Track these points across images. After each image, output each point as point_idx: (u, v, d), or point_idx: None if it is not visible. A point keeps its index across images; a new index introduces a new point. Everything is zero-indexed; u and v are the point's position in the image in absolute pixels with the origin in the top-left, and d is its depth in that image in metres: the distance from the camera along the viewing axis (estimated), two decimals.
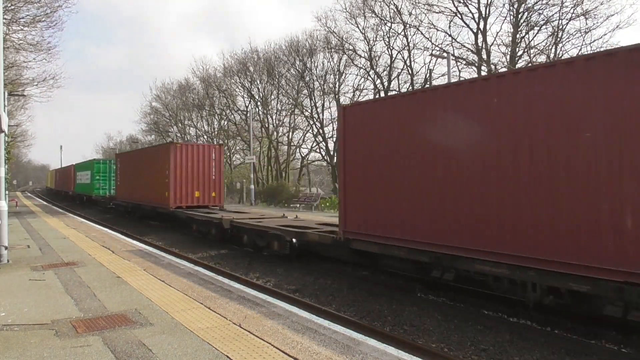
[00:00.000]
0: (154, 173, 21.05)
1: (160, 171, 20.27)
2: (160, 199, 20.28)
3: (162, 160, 20.15)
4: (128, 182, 25.75)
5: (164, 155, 20.10)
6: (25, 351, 4.79)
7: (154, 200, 21.22)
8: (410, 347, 6.10)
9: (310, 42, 39.98)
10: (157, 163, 20.86)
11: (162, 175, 19.99)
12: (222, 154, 21.04)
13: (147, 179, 22.02)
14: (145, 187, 22.27)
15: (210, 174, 20.13)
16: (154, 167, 21.10)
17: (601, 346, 6.54)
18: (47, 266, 9.54)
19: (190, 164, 19.67)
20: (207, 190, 20.02)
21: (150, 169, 21.65)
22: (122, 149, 74.47)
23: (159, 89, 63.03)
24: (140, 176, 23.41)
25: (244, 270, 12.19)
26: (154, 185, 21.04)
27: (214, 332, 5.31)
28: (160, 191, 20.13)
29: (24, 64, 26.28)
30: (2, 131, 9.90)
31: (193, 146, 20.26)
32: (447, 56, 20.39)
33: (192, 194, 19.68)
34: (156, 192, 20.75)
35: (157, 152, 21.74)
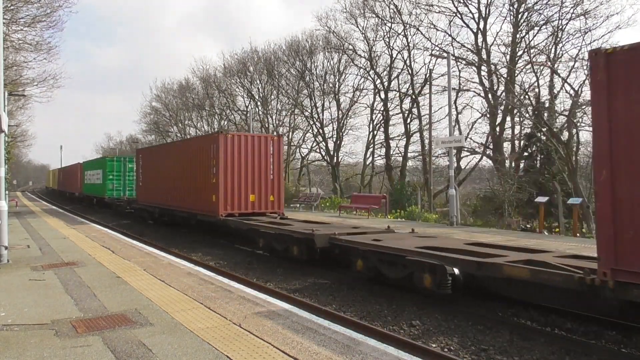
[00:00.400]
0: (195, 171, 17.25)
1: (203, 169, 16.52)
2: (203, 204, 16.46)
3: (207, 155, 16.27)
4: (154, 182, 21.88)
5: (209, 149, 16.15)
6: (25, 351, 4.79)
7: (193, 205, 17.40)
8: (410, 347, 6.09)
9: (310, 42, 40.02)
10: (199, 159, 17.03)
11: (207, 174, 16.16)
12: (282, 147, 17.07)
13: (184, 178, 18.24)
14: (180, 189, 18.53)
15: (268, 173, 16.22)
16: (195, 164, 17.27)
17: (601, 346, 6.54)
18: (47, 266, 9.54)
19: (243, 159, 15.84)
20: (263, 193, 16.19)
21: (189, 166, 17.80)
22: (122, 149, 74.46)
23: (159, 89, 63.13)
24: (172, 175, 19.57)
25: (244, 270, 12.19)
26: (193, 187, 17.34)
27: (214, 332, 5.31)
28: (204, 194, 16.35)
29: (24, 64, 26.31)
30: (2, 131, 9.90)
31: (247, 137, 16.28)
32: (447, 56, 20.38)
33: (246, 198, 15.75)
34: (197, 195, 17.02)
35: (199, 145, 17.61)
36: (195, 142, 18.87)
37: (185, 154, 18.45)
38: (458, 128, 30.96)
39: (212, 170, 15.82)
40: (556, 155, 23.23)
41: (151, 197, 22.06)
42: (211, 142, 16.13)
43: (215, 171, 15.67)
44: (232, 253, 14.69)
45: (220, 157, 15.39)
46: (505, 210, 21.73)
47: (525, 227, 19.45)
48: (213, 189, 15.70)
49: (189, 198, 17.68)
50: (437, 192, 32.16)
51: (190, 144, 19.49)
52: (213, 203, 15.60)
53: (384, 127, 36.04)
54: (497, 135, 29.04)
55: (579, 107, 22.69)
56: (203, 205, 16.49)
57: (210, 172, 15.95)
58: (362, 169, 40.07)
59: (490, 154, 29.51)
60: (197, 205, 17.07)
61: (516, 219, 20.52)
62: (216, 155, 15.54)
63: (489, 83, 28.99)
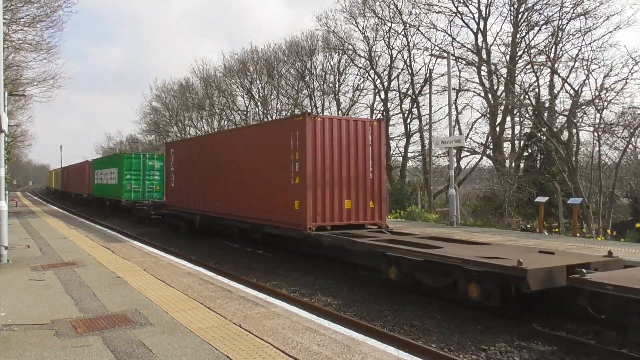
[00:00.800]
0: (264, 168, 13.06)
1: (279, 165, 12.23)
2: (278, 213, 12.31)
3: (285, 147, 12.00)
4: (194, 183, 17.49)
5: (288, 138, 11.87)
6: (25, 351, 4.79)
7: (261, 213, 13.12)
8: (410, 347, 6.10)
9: (310, 42, 40.02)
10: (271, 151, 12.64)
11: (284, 173, 11.97)
12: (384, 136, 12.76)
13: (245, 178, 13.98)
14: (238, 192, 14.33)
15: (367, 170, 12.12)
16: (265, 159, 13.00)
17: (601, 346, 6.54)
18: (47, 266, 9.54)
19: (336, 152, 11.71)
20: (361, 198, 12.02)
21: (255, 162, 13.55)
22: (122, 149, 74.35)
23: (159, 89, 63.01)
24: (224, 174, 15.31)
25: (244, 270, 12.19)
26: (261, 189, 13.10)
27: (214, 332, 5.31)
28: (279, 199, 12.23)
29: (24, 64, 26.30)
30: (2, 131, 9.90)
31: (341, 122, 12.05)
32: (447, 56, 20.37)
33: (341, 205, 11.74)
34: (267, 200, 12.75)
35: (272, 132, 12.92)
36: (266, 130, 13.77)
37: (249, 146, 14.01)
38: (458, 128, 30.98)
39: (293, 167, 11.69)
40: (556, 155, 23.21)
41: (189, 201, 17.93)
42: (292, 129, 11.80)
43: (298, 168, 11.56)
44: (232, 253, 14.69)
45: (306, 148, 11.30)
46: (506, 210, 21.73)
47: (525, 227, 19.45)
48: (295, 192, 11.56)
49: (254, 204, 13.43)
50: (437, 192, 32.16)
51: (258, 132, 14.15)
52: (295, 212, 11.55)
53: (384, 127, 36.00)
54: (497, 135, 29.05)
55: (579, 107, 22.67)
56: (278, 214, 12.33)
57: (290, 169, 11.79)
58: None
59: (490, 154, 29.51)
60: (267, 214, 12.76)
61: (516, 219, 20.52)
62: (301, 146, 11.49)
63: (489, 83, 29.00)
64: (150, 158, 27.24)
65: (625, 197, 27.50)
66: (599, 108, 21.25)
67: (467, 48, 29.80)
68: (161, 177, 26.35)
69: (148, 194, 26.52)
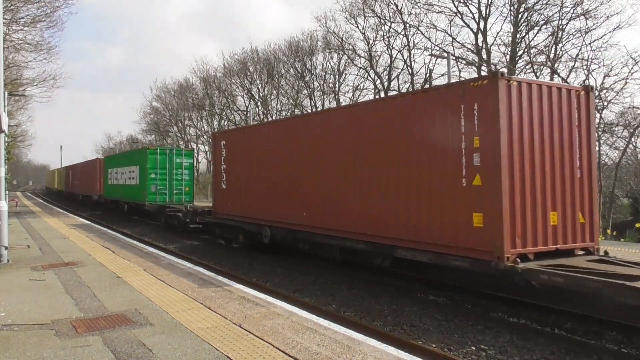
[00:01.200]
0: (403, 160, 8.90)
1: (435, 155, 8.28)
2: (435, 230, 8.19)
3: (452, 125, 7.98)
4: (262, 183, 13.10)
5: (460, 111, 7.84)
6: (25, 351, 4.79)
7: (396, 228, 8.93)
8: (410, 347, 6.09)
9: (310, 42, 40.05)
10: (419, 133, 8.61)
11: (448, 167, 8.02)
12: (592, 112, 8.54)
13: (361, 175, 9.82)
14: (346, 197, 10.14)
15: (573, 165, 8.11)
16: (404, 146, 8.88)
17: (601, 346, 6.55)
18: (47, 266, 9.54)
19: (537, 135, 7.74)
20: (568, 208, 7.96)
21: (383, 150, 9.34)
22: (122, 149, 74.38)
23: (159, 89, 63.08)
24: (316, 171, 11.11)
25: (244, 270, 12.19)
26: (398, 192, 8.94)
27: (214, 332, 5.31)
28: (439, 208, 8.14)
29: (24, 64, 26.34)
30: (2, 131, 9.91)
31: (542, 87, 7.79)
32: (447, 56, 20.40)
33: (545, 219, 7.72)
34: (413, 209, 8.58)
35: (426, 104, 8.62)
36: (405, 105, 9.15)
37: (367, 130, 9.74)
38: None
39: (469, 160, 7.68)
40: None
41: (251, 207, 13.56)
42: (467, 100, 7.77)
43: (480, 162, 7.55)
44: (232, 253, 14.69)
45: (499, 131, 7.27)
46: None
47: None
48: (473, 199, 7.62)
49: (376, 215, 9.34)
50: None
51: (386, 109, 9.57)
52: (474, 231, 7.55)
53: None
54: None
55: None
56: (431, 232, 8.23)
57: (462, 163, 7.79)
58: None
59: None
60: (406, 230, 8.71)
61: None
62: (486, 126, 7.48)
63: None
64: (178, 154, 23.54)
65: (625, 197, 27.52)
66: (599, 108, 21.26)
67: (467, 48, 29.85)
68: (190, 176, 23.83)
69: (176, 197, 22.95)
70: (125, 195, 26.29)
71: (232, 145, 15.04)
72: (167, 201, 22.50)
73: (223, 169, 15.37)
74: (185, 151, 24.75)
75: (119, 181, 27.59)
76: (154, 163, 22.61)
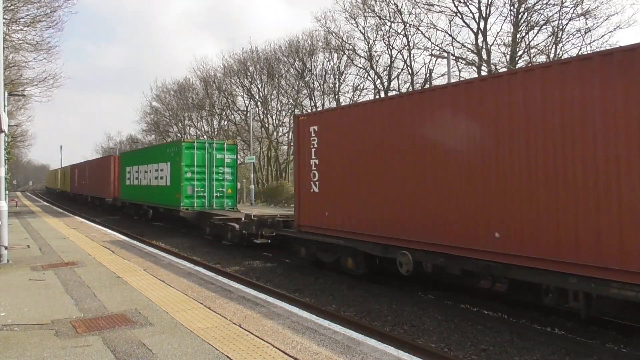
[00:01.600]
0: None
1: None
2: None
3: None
4: (397, 185, 9.00)
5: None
6: (25, 351, 4.79)
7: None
8: (410, 347, 6.10)
9: (310, 42, 40.05)
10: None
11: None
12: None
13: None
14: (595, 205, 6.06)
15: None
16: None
17: (601, 346, 6.55)
18: (47, 266, 9.54)
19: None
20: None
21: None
22: (122, 148, 74.36)
23: (159, 89, 63.12)
24: (522, 166, 6.90)
25: (244, 270, 12.19)
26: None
27: (214, 332, 5.31)
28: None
29: (24, 64, 26.31)
30: (2, 131, 9.90)
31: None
32: (447, 56, 20.40)
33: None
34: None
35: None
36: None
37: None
38: None
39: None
40: None
41: (371, 220, 9.56)
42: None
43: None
44: (232, 253, 14.68)
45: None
46: None
47: None
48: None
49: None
50: None
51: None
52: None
53: None
54: None
55: None
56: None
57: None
58: None
59: None
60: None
61: None
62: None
63: None
64: (219, 148, 19.28)
65: None
66: None
67: (467, 48, 29.83)
68: (233, 175, 19.52)
69: (216, 201, 18.87)
70: (150, 198, 22.01)
71: (329, 132, 10.87)
72: (207, 206, 18.56)
73: (314, 165, 11.20)
74: (228, 144, 19.90)
75: (140, 181, 23.39)
76: (190, 159, 18.46)
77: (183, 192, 18.25)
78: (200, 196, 18.51)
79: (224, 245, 16.08)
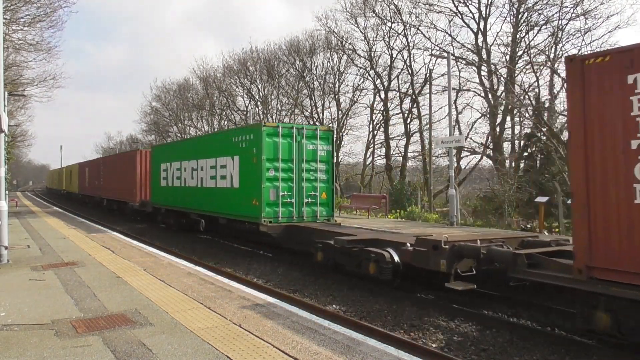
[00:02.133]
0: None
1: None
2: None
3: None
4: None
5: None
6: (25, 351, 4.79)
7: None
8: (410, 347, 6.09)
9: (311, 42, 40.05)
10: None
11: None
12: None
13: None
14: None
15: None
16: None
17: (601, 346, 6.54)
18: (47, 266, 9.54)
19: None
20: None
21: None
22: (122, 149, 74.33)
23: (159, 89, 63.01)
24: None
25: (244, 270, 12.19)
26: None
27: (214, 332, 5.31)
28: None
29: (24, 64, 26.34)
30: (2, 131, 9.91)
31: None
32: (447, 56, 20.38)
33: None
34: None
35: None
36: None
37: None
38: (458, 128, 30.99)
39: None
40: (556, 155, 23.23)
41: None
42: None
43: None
44: (232, 253, 14.68)
45: None
46: (506, 210, 21.72)
47: (526, 227, 19.42)
48: None
49: None
50: (437, 192, 32.15)
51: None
52: None
53: (384, 127, 36.06)
54: (497, 135, 29.06)
55: None
56: None
57: None
58: (362, 169, 40.07)
59: (490, 154, 29.53)
60: None
61: (516, 218, 20.49)
62: None
63: (489, 83, 29.02)
64: (311, 136, 13.88)
65: None
66: None
67: (467, 48, 29.84)
68: (329, 174, 14.17)
69: (307, 209, 13.63)
70: (203, 205, 16.39)
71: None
72: (295, 217, 13.33)
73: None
74: (322, 131, 14.25)
75: (186, 182, 17.76)
76: (273, 151, 13.10)
77: (264, 197, 12.74)
78: (287, 203, 13.20)
79: (224, 245, 16.02)
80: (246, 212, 13.53)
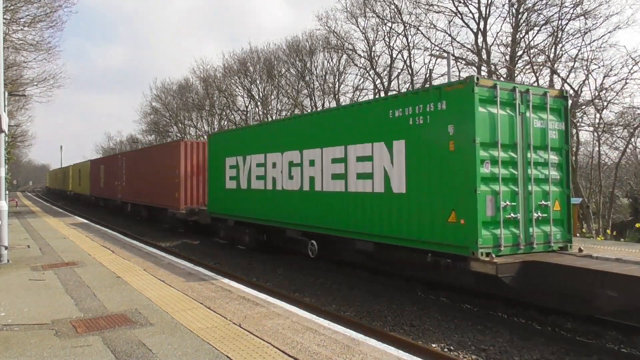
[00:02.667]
0: None
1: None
2: None
3: None
4: None
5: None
6: (25, 351, 4.79)
7: None
8: (410, 347, 6.10)
9: (311, 42, 40.05)
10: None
11: None
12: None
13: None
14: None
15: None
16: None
17: (601, 346, 6.55)
18: (47, 266, 9.54)
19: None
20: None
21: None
22: (122, 148, 74.31)
23: (159, 89, 62.95)
24: None
25: (244, 270, 12.19)
26: None
27: (214, 332, 5.31)
28: None
29: (24, 64, 26.33)
30: (2, 131, 9.91)
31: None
32: (447, 56, 20.39)
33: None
34: None
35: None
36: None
37: None
38: None
39: None
40: None
41: None
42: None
43: None
44: (232, 253, 14.68)
45: None
46: None
47: None
48: None
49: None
50: None
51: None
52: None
53: None
54: None
55: (579, 107, 22.67)
56: None
57: None
58: None
59: None
60: None
61: None
62: None
63: None
64: (538, 106, 8.30)
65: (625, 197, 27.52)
66: (599, 108, 21.27)
67: (467, 48, 29.78)
68: (562, 171, 8.59)
69: (537, 231, 8.01)
70: (313, 218, 10.99)
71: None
72: (523, 244, 7.77)
73: None
74: (552, 97, 8.54)
75: (280, 184, 12.19)
76: (489, 130, 7.68)
77: (479, 210, 7.41)
78: (510, 221, 7.78)
79: (224, 245, 16.05)
80: (429, 236, 8.09)
